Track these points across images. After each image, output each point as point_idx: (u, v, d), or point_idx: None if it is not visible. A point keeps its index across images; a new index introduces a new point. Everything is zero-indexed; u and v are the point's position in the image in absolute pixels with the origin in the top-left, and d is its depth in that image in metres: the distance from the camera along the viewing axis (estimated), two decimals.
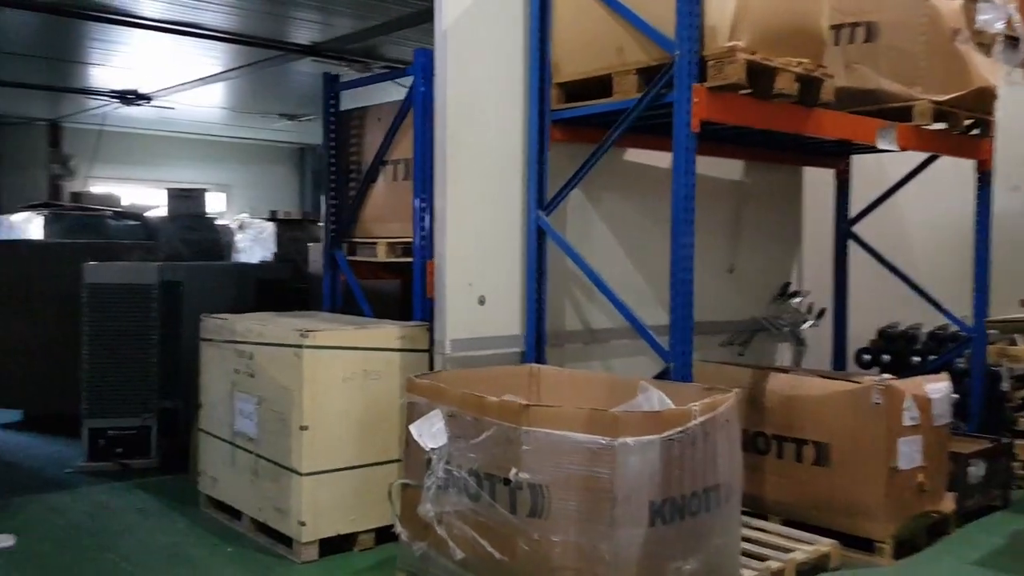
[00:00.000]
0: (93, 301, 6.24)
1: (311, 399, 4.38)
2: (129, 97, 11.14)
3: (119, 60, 10.45)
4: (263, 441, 4.68)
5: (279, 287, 7.42)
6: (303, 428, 4.37)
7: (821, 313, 6.16)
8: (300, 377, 4.36)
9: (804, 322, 6.11)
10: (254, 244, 11.58)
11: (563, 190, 4.67)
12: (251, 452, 4.78)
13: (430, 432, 3.75)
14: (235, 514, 4.97)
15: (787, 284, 6.33)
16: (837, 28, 5.13)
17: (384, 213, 5.39)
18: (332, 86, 5.72)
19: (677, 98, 3.95)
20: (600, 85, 4.41)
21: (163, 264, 6.65)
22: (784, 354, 6.34)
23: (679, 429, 3.23)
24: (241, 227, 12.15)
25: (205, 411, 5.31)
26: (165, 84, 10.79)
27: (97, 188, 13.64)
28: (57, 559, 4.50)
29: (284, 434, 4.48)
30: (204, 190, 11.27)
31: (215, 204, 15.06)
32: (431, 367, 4.64)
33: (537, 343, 4.69)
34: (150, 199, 12.61)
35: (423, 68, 4.77)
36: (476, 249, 4.58)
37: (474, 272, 4.57)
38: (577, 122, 4.63)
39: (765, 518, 4.66)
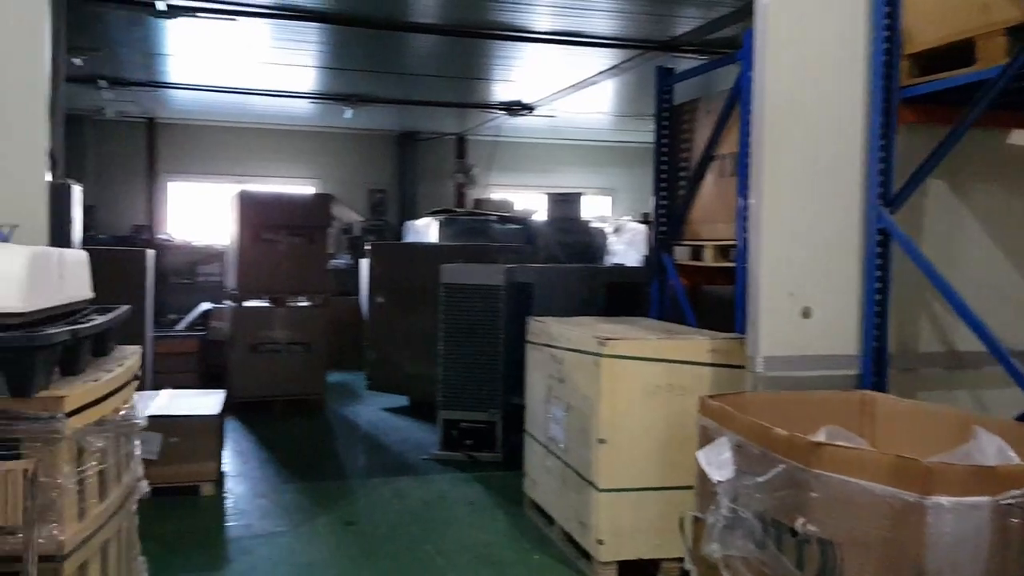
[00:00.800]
0: (448, 300, 6.63)
1: (609, 411, 4.14)
2: (514, 108, 11.84)
3: (508, 74, 11.13)
4: (570, 450, 4.55)
5: (631, 290, 7.28)
6: (601, 441, 4.15)
7: None
8: (598, 387, 4.15)
9: None
10: (629, 247, 11.62)
11: (912, 182, 3.87)
12: (561, 459, 4.68)
13: (717, 462, 3.30)
14: (549, 520, 4.91)
15: None
16: None
17: (711, 213, 4.97)
18: (665, 79, 5.42)
19: None
20: (959, 53, 3.56)
21: (513, 266, 6.85)
22: None
23: (1021, 492, 2.43)
24: (617, 230, 12.28)
25: (528, 413, 5.34)
26: (545, 93, 11.26)
27: (495, 195, 14.77)
28: (383, 543, 4.80)
29: (585, 445, 4.31)
30: (580, 194, 11.57)
31: (600, 208, 15.47)
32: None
33: (876, 366, 3.94)
34: (540, 204, 13.27)
35: (751, 51, 4.26)
36: (800, 253, 3.97)
37: (797, 280, 3.96)
38: (932, 99, 3.80)
39: None
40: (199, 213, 14.03)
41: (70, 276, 2.64)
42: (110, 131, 13.35)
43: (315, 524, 5.10)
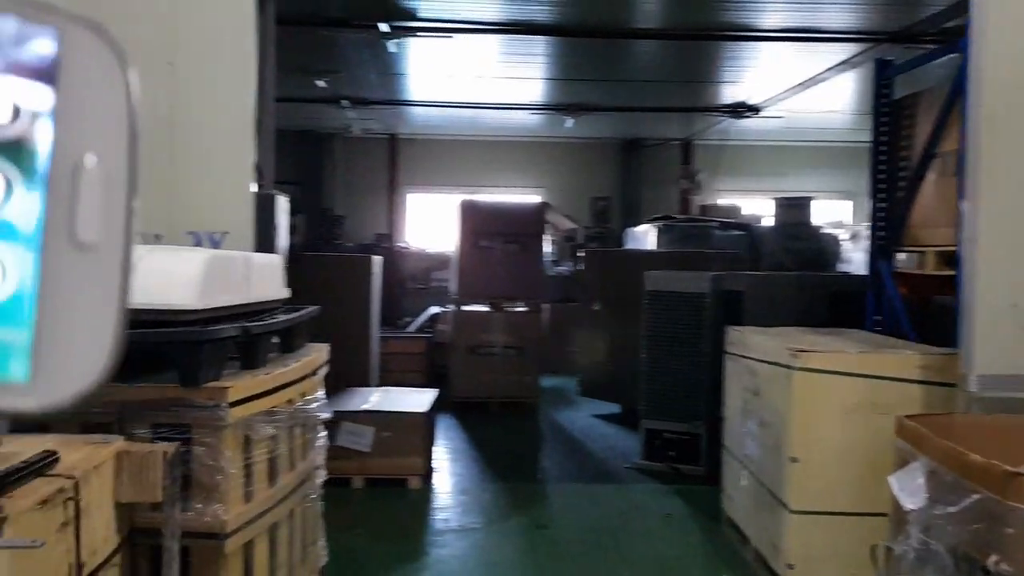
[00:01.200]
0: (652, 307, 6.53)
1: (802, 428, 3.88)
2: (739, 110, 11.44)
3: (733, 75, 10.82)
4: (763, 467, 4.33)
5: (856, 300, 6.78)
6: (793, 460, 3.91)
7: None
8: (790, 402, 3.91)
9: None
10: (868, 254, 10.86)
11: None
12: (755, 477, 4.45)
13: (910, 488, 3.00)
14: (744, 538, 4.69)
15: None
16: None
17: (932, 216, 4.52)
18: (883, 71, 5.01)
19: None
20: None
21: (721, 273, 6.62)
22: None
23: None
24: (854, 236, 11.52)
25: (726, 426, 5.14)
26: (771, 94, 10.80)
27: (722, 200, 14.35)
28: (571, 548, 4.81)
29: (778, 463, 4.07)
30: (809, 198, 11.00)
31: (839, 213, 14.59)
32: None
33: None
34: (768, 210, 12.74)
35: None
36: None
37: (1022, 290, 3.51)
38: None
39: None
40: (434, 222, 14.82)
41: (258, 278, 2.88)
42: (357, 147, 14.45)
43: (508, 524, 5.21)
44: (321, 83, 9.57)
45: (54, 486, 1.46)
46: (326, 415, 3.21)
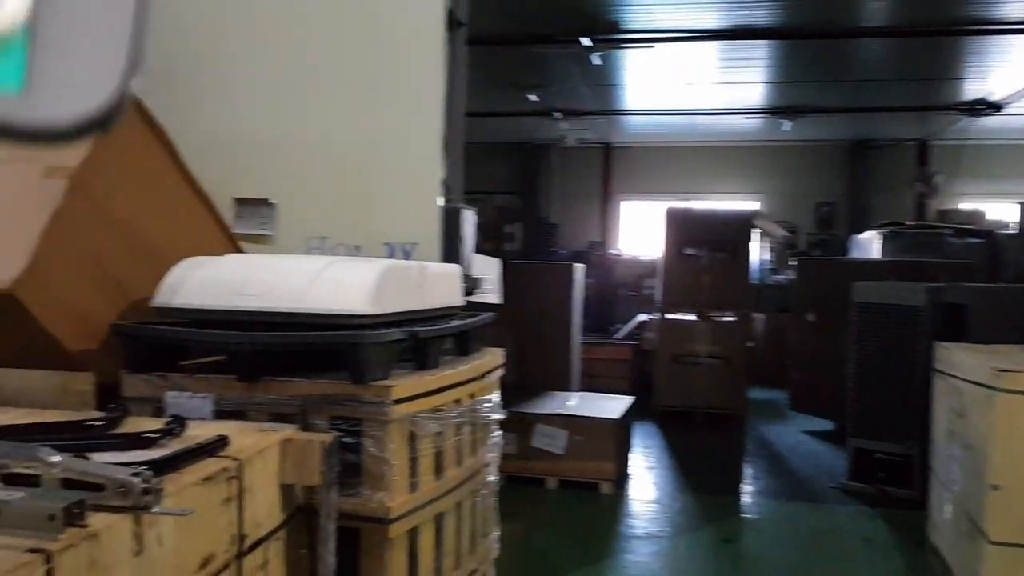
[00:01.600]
0: (861, 320, 6.22)
1: (1004, 453, 3.59)
2: (978, 108, 10.51)
3: (971, 71, 10.04)
4: (966, 493, 4.03)
5: None
6: (994, 487, 3.62)
7: None
8: (993, 425, 3.62)
9: None
10: None
11: None
12: (958, 502, 4.16)
13: None
14: (946, 568, 4.38)
15: None
16: None
17: None
18: None
19: None
20: None
21: (938, 285, 6.17)
22: None
23: None
24: None
25: (933, 448, 4.82)
26: (1014, 89, 9.85)
27: (964, 205, 13.25)
28: (753, 565, 4.73)
29: (979, 489, 3.78)
30: None
31: None
32: None
33: None
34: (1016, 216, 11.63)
35: None
36: None
37: None
38: None
39: None
40: (648, 230, 14.82)
41: (432, 286, 3.12)
42: (572, 157, 14.76)
43: (696, 535, 5.18)
44: (533, 97, 9.90)
45: (219, 466, 1.72)
46: (498, 416, 3.39)
